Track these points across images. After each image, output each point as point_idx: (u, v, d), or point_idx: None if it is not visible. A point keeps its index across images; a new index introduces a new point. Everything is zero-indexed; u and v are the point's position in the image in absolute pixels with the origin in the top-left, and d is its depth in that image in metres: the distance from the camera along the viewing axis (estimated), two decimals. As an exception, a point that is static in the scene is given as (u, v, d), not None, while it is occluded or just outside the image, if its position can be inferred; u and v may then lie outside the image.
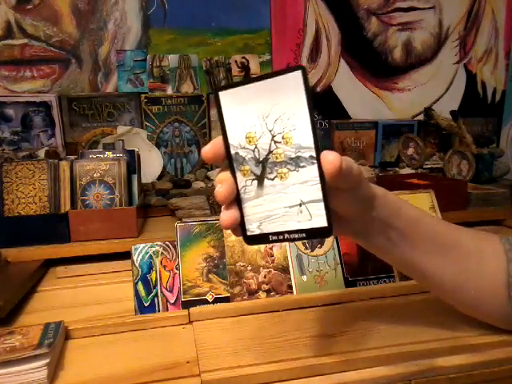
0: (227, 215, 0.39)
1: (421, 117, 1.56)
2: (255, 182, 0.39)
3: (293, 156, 0.37)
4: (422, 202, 0.73)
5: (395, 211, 0.45)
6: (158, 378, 0.46)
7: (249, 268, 0.63)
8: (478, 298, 0.49)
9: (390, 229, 0.45)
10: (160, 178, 1.24)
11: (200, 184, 1.21)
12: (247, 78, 0.34)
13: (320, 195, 0.37)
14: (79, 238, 0.85)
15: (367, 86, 1.56)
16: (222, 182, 0.39)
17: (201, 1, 1.38)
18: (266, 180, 0.38)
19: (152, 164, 1.23)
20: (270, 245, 0.64)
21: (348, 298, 0.61)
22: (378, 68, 1.56)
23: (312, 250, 0.65)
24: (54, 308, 0.67)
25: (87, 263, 0.81)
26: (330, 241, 0.66)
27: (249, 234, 0.40)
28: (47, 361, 0.45)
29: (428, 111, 1.45)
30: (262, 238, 0.39)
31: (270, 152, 0.38)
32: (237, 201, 0.39)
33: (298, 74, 0.36)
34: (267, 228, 0.39)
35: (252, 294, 0.62)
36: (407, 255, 0.46)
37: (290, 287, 0.63)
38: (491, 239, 0.50)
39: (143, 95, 1.30)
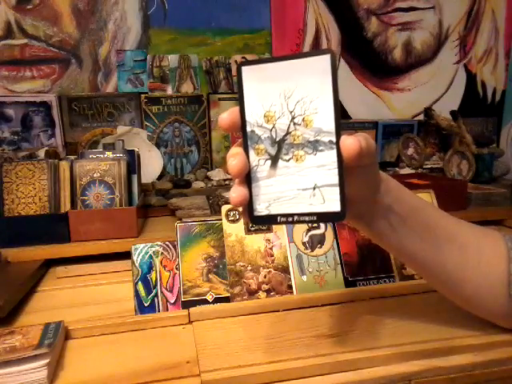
0: (237, 192, 0.38)
1: (421, 117, 1.56)
2: (268, 161, 0.38)
3: (311, 139, 0.37)
4: (422, 201, 0.72)
5: (398, 196, 0.46)
6: (158, 378, 0.46)
7: (249, 268, 0.63)
8: (476, 295, 0.49)
9: (392, 213, 0.45)
10: (160, 177, 1.24)
11: (200, 184, 1.21)
12: (273, 57, 0.34)
13: (336, 180, 0.37)
14: (79, 238, 0.85)
15: (367, 85, 1.56)
16: (234, 156, 0.38)
17: (201, 1, 1.38)
18: (280, 161, 0.38)
19: (152, 164, 1.23)
20: (270, 245, 0.64)
21: (348, 297, 0.61)
22: (377, 68, 1.56)
23: (312, 250, 0.65)
24: (54, 308, 0.67)
25: (87, 263, 0.81)
26: (330, 241, 0.66)
27: (256, 214, 0.39)
28: (47, 361, 0.45)
29: (428, 111, 1.45)
30: (270, 219, 0.39)
31: (288, 133, 0.38)
32: (246, 180, 0.39)
33: (327, 57, 0.36)
34: (276, 209, 0.38)
35: (252, 293, 0.62)
36: (404, 242, 0.47)
37: (290, 287, 0.63)
38: (493, 236, 0.50)
39: (143, 95, 1.30)
